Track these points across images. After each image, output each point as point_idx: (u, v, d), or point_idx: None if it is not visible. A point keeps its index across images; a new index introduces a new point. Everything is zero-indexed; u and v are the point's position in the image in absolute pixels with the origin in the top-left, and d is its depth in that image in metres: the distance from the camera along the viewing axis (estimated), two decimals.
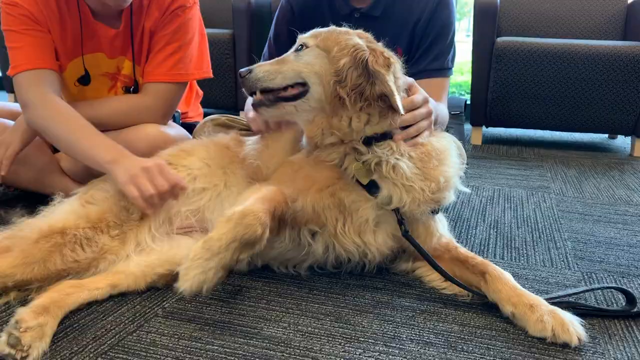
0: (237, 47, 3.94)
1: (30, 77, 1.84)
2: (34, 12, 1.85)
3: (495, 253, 1.86)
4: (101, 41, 1.99)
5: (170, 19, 1.97)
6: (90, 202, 1.57)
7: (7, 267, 1.38)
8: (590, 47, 3.38)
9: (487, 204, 2.42)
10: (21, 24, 1.85)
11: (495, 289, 1.41)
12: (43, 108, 1.79)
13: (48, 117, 1.78)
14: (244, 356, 1.22)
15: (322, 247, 1.55)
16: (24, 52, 1.85)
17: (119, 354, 1.22)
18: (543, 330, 1.29)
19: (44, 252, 1.41)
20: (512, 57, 3.49)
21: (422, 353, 1.25)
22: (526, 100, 3.57)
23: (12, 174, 2.04)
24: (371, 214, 1.52)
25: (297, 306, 1.46)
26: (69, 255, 1.44)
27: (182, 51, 2.00)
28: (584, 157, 3.45)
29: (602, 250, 1.90)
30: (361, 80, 1.45)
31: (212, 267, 1.27)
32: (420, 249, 1.50)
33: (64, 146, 1.80)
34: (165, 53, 1.99)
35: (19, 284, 1.39)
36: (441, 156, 1.53)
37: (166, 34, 1.98)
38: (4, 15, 1.86)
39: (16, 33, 1.85)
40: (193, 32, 2.03)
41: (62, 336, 1.28)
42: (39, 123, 1.81)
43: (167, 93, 2.02)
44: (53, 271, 1.42)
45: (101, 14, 1.94)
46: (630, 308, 1.44)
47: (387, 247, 1.57)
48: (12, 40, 1.87)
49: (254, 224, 1.31)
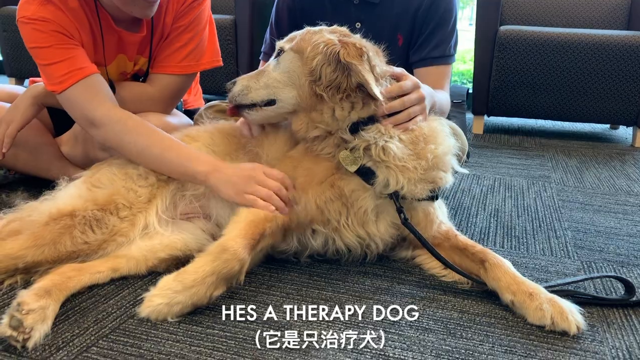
0: (239, 33, 3.92)
1: (84, 91, 1.72)
2: (67, 27, 1.74)
3: (496, 242, 1.87)
4: (125, 46, 1.96)
5: (187, 11, 1.96)
6: (96, 185, 1.57)
7: (18, 249, 1.39)
8: (593, 37, 3.37)
9: (487, 192, 2.42)
10: (53, 39, 1.72)
11: (494, 276, 1.41)
12: (116, 123, 1.68)
13: (123, 132, 1.67)
14: (244, 340, 1.23)
15: (321, 241, 1.56)
16: (65, 65, 1.72)
17: (120, 336, 1.23)
18: (542, 318, 1.29)
19: (54, 234, 1.42)
20: (515, 46, 3.47)
21: (421, 339, 1.26)
22: (528, 89, 3.56)
23: (13, 158, 2.05)
24: (370, 204, 1.52)
25: (297, 292, 1.46)
26: (78, 237, 1.44)
27: (195, 42, 1.99)
28: (585, 147, 3.45)
29: (602, 239, 1.91)
30: (336, 74, 1.45)
31: (180, 301, 1.26)
32: (419, 236, 1.50)
33: (146, 160, 1.65)
34: (178, 44, 1.97)
35: (29, 265, 1.40)
36: (431, 136, 1.53)
37: (181, 25, 1.96)
38: (30, 31, 1.73)
39: (49, 49, 1.72)
40: (205, 22, 2.02)
41: (63, 319, 1.29)
42: (114, 140, 1.69)
43: (175, 84, 2.01)
44: (63, 253, 1.42)
45: (121, 20, 1.89)
46: (629, 297, 1.45)
47: (390, 236, 1.58)
48: (46, 58, 1.73)
49: (232, 259, 1.31)
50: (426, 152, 1.50)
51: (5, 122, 1.87)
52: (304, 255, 1.61)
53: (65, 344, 1.19)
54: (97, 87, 1.75)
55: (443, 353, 1.21)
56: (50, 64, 1.73)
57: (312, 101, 1.50)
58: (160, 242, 1.54)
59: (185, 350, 1.19)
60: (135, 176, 1.61)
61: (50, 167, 2.07)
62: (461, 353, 1.21)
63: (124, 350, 1.18)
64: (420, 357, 1.19)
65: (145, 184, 1.60)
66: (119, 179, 1.59)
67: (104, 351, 1.17)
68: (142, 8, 1.77)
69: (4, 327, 1.15)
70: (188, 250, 1.56)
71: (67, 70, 1.72)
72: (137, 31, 1.93)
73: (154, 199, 1.59)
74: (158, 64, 2.00)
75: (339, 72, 1.45)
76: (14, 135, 1.87)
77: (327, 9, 2.07)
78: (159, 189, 1.61)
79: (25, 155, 2.05)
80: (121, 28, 1.90)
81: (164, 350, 1.18)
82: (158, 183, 1.62)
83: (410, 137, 1.50)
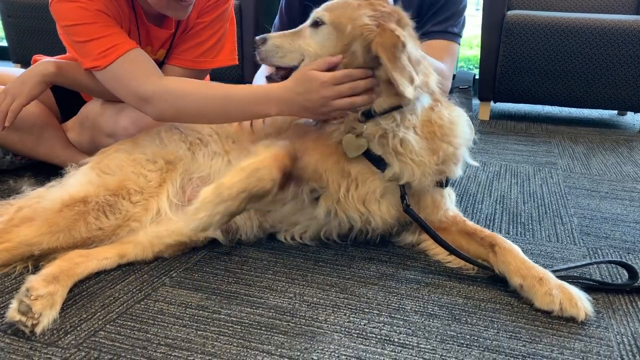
0: (244, 18, 3.90)
1: (129, 64, 1.70)
2: (110, 9, 1.76)
3: (501, 228, 1.87)
4: (152, 40, 1.96)
5: (212, 8, 1.96)
6: (105, 172, 1.57)
7: (33, 236, 1.39)
8: (601, 22, 3.33)
9: (493, 179, 2.41)
10: (98, 18, 1.72)
11: (504, 260, 1.40)
12: (167, 93, 1.64)
13: (177, 98, 1.64)
14: (250, 325, 1.24)
15: (324, 211, 1.55)
16: (108, 40, 1.71)
17: (127, 321, 1.24)
18: (551, 303, 1.29)
19: (69, 220, 1.43)
20: (522, 31, 3.43)
21: (427, 325, 1.27)
22: (535, 75, 3.53)
23: (20, 143, 2.05)
24: (379, 186, 1.52)
25: (302, 277, 1.47)
26: (93, 223, 1.45)
27: (214, 39, 1.98)
28: (592, 134, 3.43)
29: (608, 226, 1.90)
30: (368, 63, 1.45)
31: (219, 212, 1.35)
32: (421, 222, 1.50)
33: (210, 118, 1.65)
34: (198, 39, 1.97)
35: (44, 252, 1.41)
36: (449, 128, 1.52)
37: (204, 21, 1.96)
38: (72, 9, 1.71)
39: (92, 25, 1.71)
40: (227, 20, 2.02)
41: (71, 303, 1.30)
42: (169, 111, 1.66)
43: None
44: (78, 239, 1.44)
45: (152, 15, 1.90)
46: (632, 282, 1.45)
47: (391, 217, 1.57)
48: (88, 34, 1.71)
49: (266, 178, 1.37)
50: (446, 146, 1.50)
51: (11, 95, 1.82)
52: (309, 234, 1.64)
53: (73, 328, 1.20)
54: (142, 60, 1.73)
55: (448, 338, 1.21)
56: (91, 40, 1.71)
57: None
58: (167, 228, 1.54)
59: (192, 334, 1.20)
60: (144, 161, 1.61)
61: (57, 153, 2.08)
62: (466, 339, 1.22)
63: (131, 334, 1.19)
64: (425, 342, 1.20)
65: (154, 168, 1.60)
66: (128, 165, 1.59)
67: (111, 335, 1.18)
68: (176, 10, 1.78)
69: (13, 312, 1.16)
70: (194, 236, 1.56)
71: (111, 45, 1.70)
72: (163, 27, 1.95)
73: (164, 183, 1.60)
74: (175, 56, 2.00)
75: (370, 62, 1.44)
76: (18, 110, 1.83)
77: None
78: (168, 173, 1.62)
79: (31, 139, 2.06)
80: (151, 23, 1.91)
81: (170, 334, 1.19)
82: (167, 167, 1.62)
83: (428, 129, 1.49)
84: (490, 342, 1.20)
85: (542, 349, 1.19)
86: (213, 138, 1.70)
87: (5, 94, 1.82)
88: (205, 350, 1.14)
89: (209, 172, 1.64)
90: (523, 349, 1.18)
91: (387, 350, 1.16)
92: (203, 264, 1.53)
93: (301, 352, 1.14)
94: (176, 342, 1.17)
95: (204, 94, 1.62)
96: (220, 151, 1.68)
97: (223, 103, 1.59)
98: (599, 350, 1.19)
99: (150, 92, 1.65)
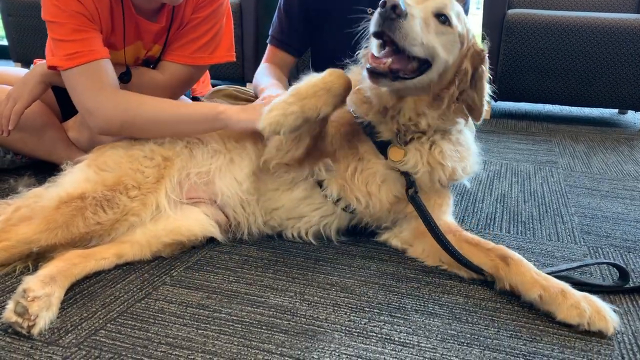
0: (244, 17, 3.89)
1: (87, 75, 1.69)
2: (89, 8, 1.71)
3: (502, 227, 1.87)
4: (142, 34, 1.94)
5: (207, 3, 1.93)
6: (103, 168, 1.57)
7: (31, 234, 1.39)
8: (602, 20, 3.32)
9: (494, 178, 2.41)
10: (72, 20, 1.69)
11: (518, 271, 1.34)
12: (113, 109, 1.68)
13: (128, 109, 1.67)
14: (251, 324, 1.24)
15: (336, 190, 1.59)
16: (77, 45, 1.69)
17: (127, 320, 1.24)
18: (578, 316, 1.23)
19: (66, 216, 1.43)
20: (523, 29, 3.43)
21: (427, 324, 1.27)
22: (536, 74, 3.53)
23: (20, 142, 2.05)
24: (379, 170, 1.55)
25: (303, 276, 1.47)
26: (91, 218, 1.45)
27: (210, 35, 1.96)
28: (593, 132, 3.43)
29: (608, 225, 1.90)
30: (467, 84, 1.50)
31: (294, 111, 1.33)
32: (424, 212, 1.49)
33: (160, 129, 1.67)
34: (194, 35, 1.95)
35: (43, 249, 1.41)
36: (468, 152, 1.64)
37: (200, 16, 1.94)
38: (50, 5, 1.69)
39: (65, 26, 1.69)
40: (223, 16, 2.00)
41: (71, 302, 1.30)
42: (117, 121, 1.68)
43: (184, 75, 1.99)
44: (76, 235, 1.43)
45: (143, 8, 1.87)
46: (623, 283, 1.45)
47: (389, 201, 1.58)
48: (60, 33, 1.70)
49: (341, 76, 1.40)
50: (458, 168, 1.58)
51: (13, 99, 1.85)
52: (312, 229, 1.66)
53: (73, 327, 1.20)
54: (101, 73, 1.71)
55: (448, 337, 1.21)
56: (62, 40, 1.70)
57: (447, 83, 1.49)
58: (165, 227, 1.54)
59: (193, 333, 1.20)
60: (141, 157, 1.60)
61: (57, 152, 2.07)
62: (466, 337, 1.22)
63: (132, 333, 1.19)
64: (425, 341, 1.20)
65: (151, 164, 1.60)
66: (125, 161, 1.58)
67: (112, 334, 1.18)
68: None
69: (10, 313, 1.16)
70: (192, 235, 1.57)
71: (77, 50, 1.69)
72: (155, 21, 1.92)
73: (162, 179, 1.59)
74: (171, 52, 1.99)
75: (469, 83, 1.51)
76: (21, 112, 1.85)
77: None
78: (165, 169, 1.61)
79: (32, 139, 2.06)
80: (140, 16, 1.88)
81: (171, 333, 1.19)
82: (164, 163, 1.61)
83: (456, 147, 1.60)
84: (490, 341, 1.20)
85: (543, 348, 1.19)
86: (214, 137, 1.69)
87: (7, 98, 1.86)
88: (206, 349, 1.14)
89: (209, 168, 1.64)
90: (523, 348, 1.18)
91: (387, 349, 1.16)
92: (204, 263, 1.53)
93: (302, 351, 1.14)
94: (177, 341, 1.17)
95: (151, 110, 1.68)
96: (222, 149, 1.67)
97: (173, 118, 1.66)
98: (599, 349, 1.19)
99: (95, 107, 1.69)
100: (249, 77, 3.94)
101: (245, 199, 1.63)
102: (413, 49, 1.37)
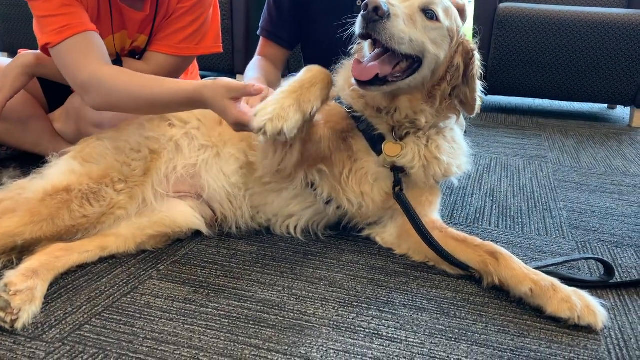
0: (235, 8, 3.86)
1: (78, 46, 1.64)
2: None
3: (491, 221, 1.87)
4: (126, 23, 1.91)
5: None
6: (88, 160, 1.55)
7: (15, 227, 1.37)
8: (593, 15, 3.33)
9: (483, 172, 2.41)
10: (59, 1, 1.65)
11: (508, 266, 1.35)
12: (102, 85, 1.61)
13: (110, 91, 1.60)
14: (238, 319, 1.23)
15: (327, 192, 1.57)
16: (65, 18, 1.65)
17: (113, 315, 1.23)
18: (570, 310, 1.23)
19: (52, 209, 1.40)
20: (514, 23, 3.43)
21: (415, 318, 1.26)
22: (527, 68, 3.53)
23: (5, 133, 2.02)
24: (371, 168, 1.55)
25: (291, 270, 1.46)
26: (76, 211, 1.43)
27: (196, 25, 1.94)
28: (582, 127, 3.44)
29: (597, 220, 1.91)
30: (459, 80, 1.50)
31: (290, 104, 1.29)
32: (410, 211, 1.48)
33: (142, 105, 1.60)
34: (179, 25, 1.93)
35: (28, 242, 1.39)
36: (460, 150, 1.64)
37: (185, 6, 1.92)
38: None
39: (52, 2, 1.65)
40: (210, 6, 1.98)
41: (56, 297, 1.28)
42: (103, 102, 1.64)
43: (170, 65, 1.97)
44: (62, 228, 1.41)
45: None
46: (608, 278, 1.45)
47: (381, 199, 1.58)
48: (48, 9, 1.65)
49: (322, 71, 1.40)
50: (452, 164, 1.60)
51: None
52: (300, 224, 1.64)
53: (58, 322, 1.19)
54: (91, 45, 1.66)
55: (436, 332, 1.21)
56: (51, 15, 1.65)
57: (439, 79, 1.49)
58: (149, 220, 1.53)
59: (179, 328, 1.18)
60: (128, 150, 1.58)
61: (43, 143, 2.05)
62: (454, 332, 1.21)
63: (117, 328, 1.18)
64: (413, 336, 1.19)
65: (138, 157, 1.57)
66: (111, 153, 1.56)
67: (97, 329, 1.17)
68: None
69: None
70: (177, 227, 1.56)
71: (67, 22, 1.65)
72: (140, 9, 1.89)
73: (149, 172, 1.57)
74: (156, 42, 1.96)
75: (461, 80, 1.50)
76: (3, 104, 1.82)
77: None
78: (152, 162, 1.59)
79: (17, 129, 2.03)
80: (124, 4, 1.85)
81: (157, 328, 1.18)
82: (151, 156, 1.59)
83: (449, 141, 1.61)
84: (478, 336, 1.20)
85: (530, 343, 1.19)
86: (201, 131, 1.67)
87: None
88: (192, 344, 1.13)
89: (195, 161, 1.62)
90: (511, 343, 1.18)
91: (375, 344, 1.16)
92: (191, 257, 1.51)
93: (289, 346, 1.14)
94: (163, 336, 1.15)
95: (132, 92, 1.58)
96: (208, 143, 1.65)
97: (150, 103, 1.57)
98: (586, 344, 1.19)
99: (87, 80, 1.62)
100: (239, 68, 3.91)
101: (232, 192, 1.62)
102: (401, 47, 1.36)
